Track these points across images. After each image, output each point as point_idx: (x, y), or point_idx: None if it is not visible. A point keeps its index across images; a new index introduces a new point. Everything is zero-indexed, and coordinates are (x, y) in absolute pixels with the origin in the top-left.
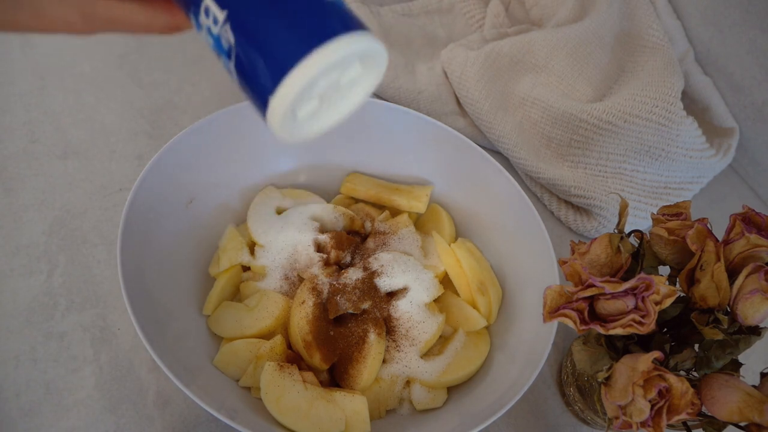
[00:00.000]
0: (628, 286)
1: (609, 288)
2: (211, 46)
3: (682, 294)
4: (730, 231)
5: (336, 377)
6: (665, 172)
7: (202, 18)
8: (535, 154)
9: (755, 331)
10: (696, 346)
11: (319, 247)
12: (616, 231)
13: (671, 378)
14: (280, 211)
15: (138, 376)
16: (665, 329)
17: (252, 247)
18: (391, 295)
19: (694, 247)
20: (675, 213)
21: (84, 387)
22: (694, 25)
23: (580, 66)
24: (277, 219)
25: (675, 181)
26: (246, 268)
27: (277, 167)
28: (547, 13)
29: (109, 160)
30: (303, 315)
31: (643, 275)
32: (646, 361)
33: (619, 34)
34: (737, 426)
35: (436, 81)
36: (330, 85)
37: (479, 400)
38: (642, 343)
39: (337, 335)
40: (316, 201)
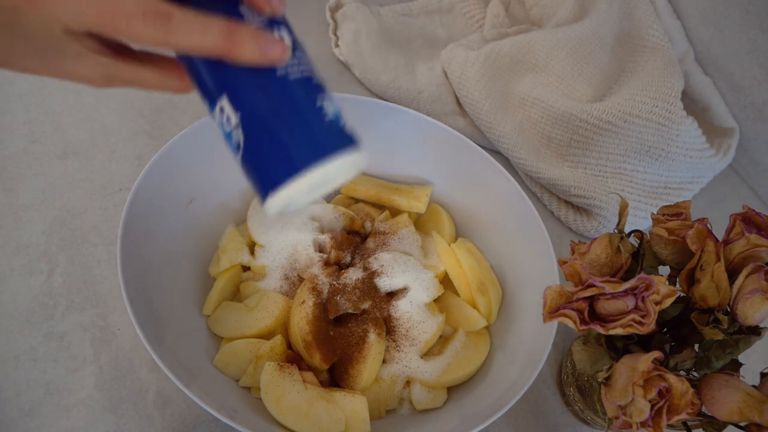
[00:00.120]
0: (628, 286)
1: (609, 288)
2: (222, 136)
3: (682, 294)
4: (730, 231)
5: (336, 377)
6: (665, 172)
7: (216, 114)
8: (535, 154)
9: (755, 331)
10: (696, 346)
11: (319, 247)
12: (616, 231)
13: (671, 378)
14: None
15: (138, 376)
16: (665, 329)
17: (252, 247)
18: (391, 295)
19: (694, 247)
20: (675, 213)
21: (84, 387)
22: (694, 25)
23: (580, 66)
24: (277, 219)
25: (675, 181)
26: (246, 268)
27: None
28: (547, 13)
29: (109, 160)
30: (303, 315)
31: (643, 275)
32: (646, 361)
33: (619, 34)
34: (737, 426)
35: (436, 81)
36: (319, 182)
37: (479, 400)
38: (642, 343)
39: (337, 335)
40: (316, 201)
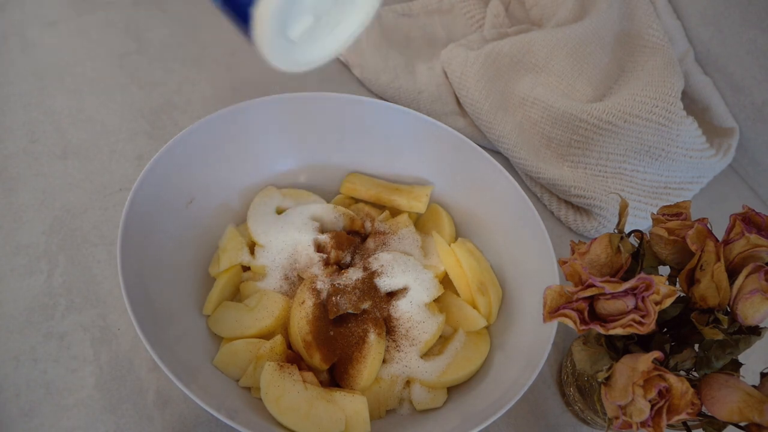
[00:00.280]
0: (628, 286)
1: (609, 288)
2: None
3: (682, 294)
4: (730, 231)
5: (336, 377)
6: (665, 172)
7: None
8: (535, 154)
9: (755, 331)
10: (696, 346)
11: (319, 247)
12: (616, 231)
13: (671, 378)
14: (280, 211)
15: (138, 376)
16: (665, 329)
17: (252, 247)
18: (391, 295)
19: (694, 247)
20: (675, 213)
21: (84, 387)
22: (694, 25)
23: (580, 66)
24: (277, 219)
25: (675, 181)
26: (246, 268)
27: (277, 167)
28: (547, 13)
29: (109, 160)
30: (303, 315)
31: (643, 275)
32: (646, 361)
33: (619, 34)
34: (737, 426)
35: (436, 81)
36: None
37: (479, 400)
38: (642, 343)
39: (337, 335)
40: (316, 201)
